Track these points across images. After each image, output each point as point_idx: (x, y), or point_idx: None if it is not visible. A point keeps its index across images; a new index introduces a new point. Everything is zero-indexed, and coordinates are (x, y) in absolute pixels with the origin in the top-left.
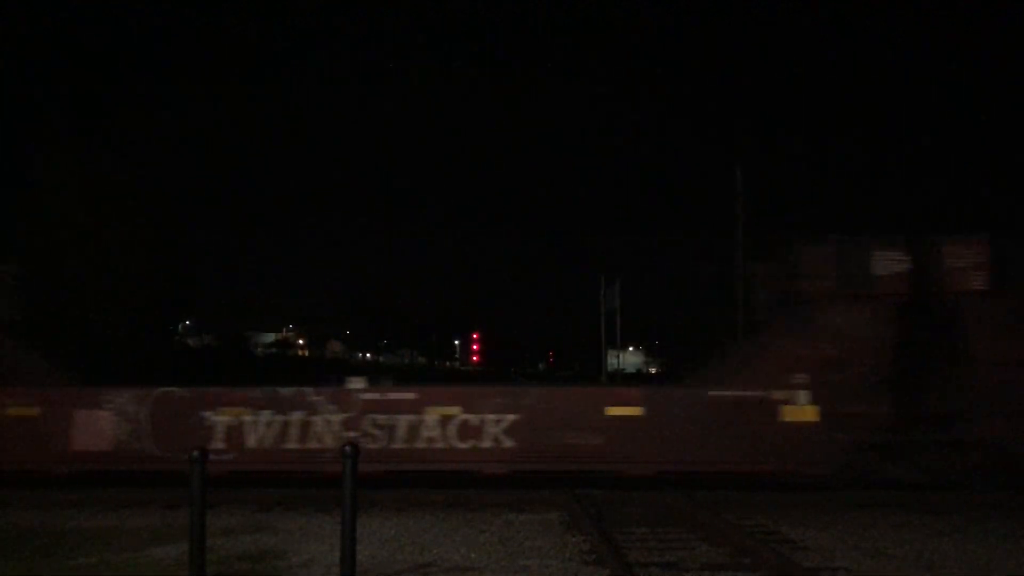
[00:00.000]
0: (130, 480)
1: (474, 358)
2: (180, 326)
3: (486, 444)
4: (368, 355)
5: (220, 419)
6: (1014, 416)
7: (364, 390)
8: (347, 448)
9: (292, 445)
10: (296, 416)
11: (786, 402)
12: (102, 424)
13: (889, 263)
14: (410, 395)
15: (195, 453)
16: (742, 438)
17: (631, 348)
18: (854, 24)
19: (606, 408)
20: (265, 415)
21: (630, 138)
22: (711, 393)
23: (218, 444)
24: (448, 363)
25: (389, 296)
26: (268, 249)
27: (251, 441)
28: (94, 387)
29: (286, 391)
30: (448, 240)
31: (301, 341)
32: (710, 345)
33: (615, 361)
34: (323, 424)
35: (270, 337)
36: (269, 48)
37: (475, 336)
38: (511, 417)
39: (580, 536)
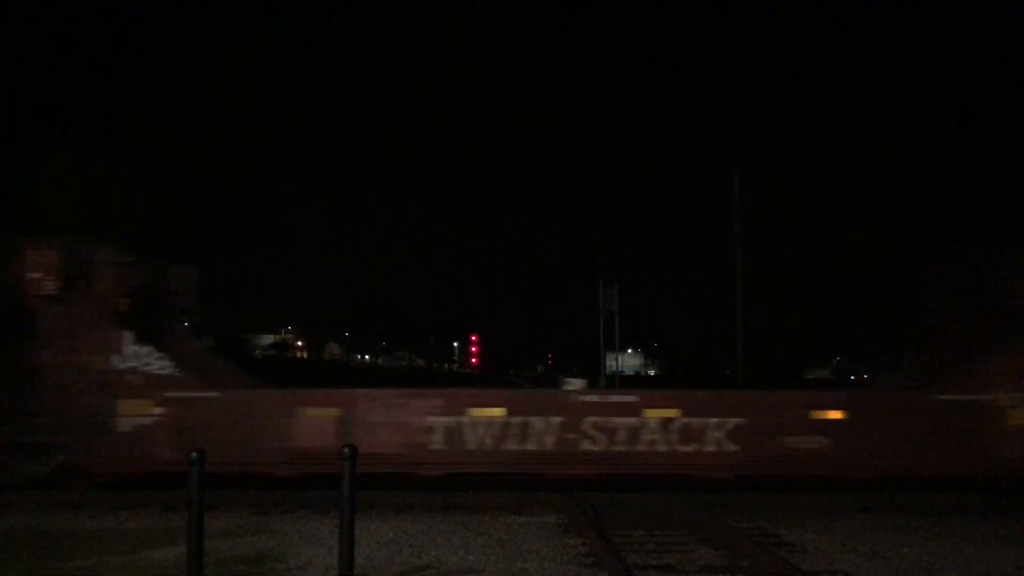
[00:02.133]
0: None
1: (472, 360)
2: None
3: None
4: (367, 357)
5: None
6: (76, 418)
7: None
8: (346, 449)
9: None
10: None
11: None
12: None
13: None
14: None
15: (194, 455)
16: None
17: (629, 350)
18: (854, 27)
19: None
20: None
21: (630, 141)
22: None
23: None
24: (447, 365)
25: (388, 298)
26: (267, 250)
27: None
28: None
29: None
30: (447, 242)
31: (300, 343)
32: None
33: (614, 363)
34: None
35: (268, 339)
36: (269, 49)
37: (473, 338)
38: None
39: (578, 538)
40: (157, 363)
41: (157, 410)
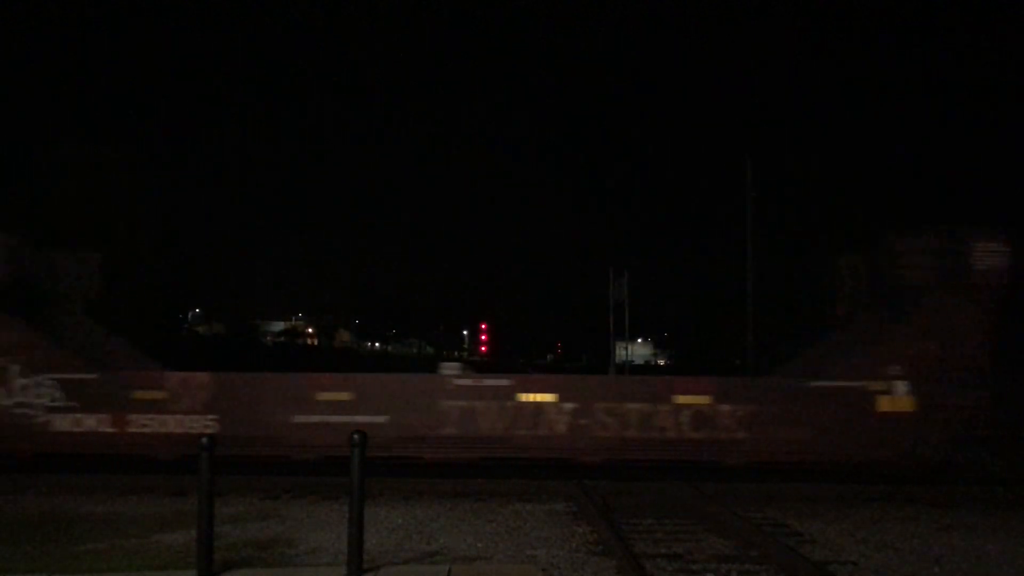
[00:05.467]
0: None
1: (482, 348)
2: (189, 314)
3: None
4: (376, 345)
5: None
6: None
7: None
8: (355, 436)
9: None
10: None
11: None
12: None
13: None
14: None
15: (203, 440)
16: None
17: (639, 340)
18: (867, 15)
19: None
20: None
21: (640, 128)
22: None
23: None
24: (456, 353)
25: (397, 286)
26: (277, 238)
27: None
28: None
29: None
30: (457, 230)
31: (310, 330)
32: (719, 338)
33: (624, 352)
34: None
35: (279, 326)
36: (279, 41)
37: (483, 327)
38: None
39: (587, 526)
40: None
41: None
